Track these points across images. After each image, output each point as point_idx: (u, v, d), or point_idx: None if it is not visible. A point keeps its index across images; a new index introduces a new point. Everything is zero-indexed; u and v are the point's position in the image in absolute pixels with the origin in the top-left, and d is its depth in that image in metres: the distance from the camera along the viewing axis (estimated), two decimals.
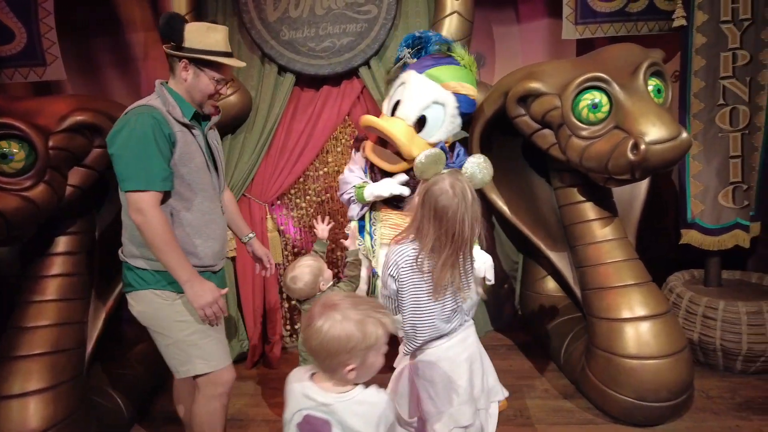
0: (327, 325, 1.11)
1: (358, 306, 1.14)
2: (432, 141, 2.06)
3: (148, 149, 1.57)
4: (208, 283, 1.67)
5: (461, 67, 2.11)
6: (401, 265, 1.47)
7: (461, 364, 1.55)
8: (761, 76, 2.51)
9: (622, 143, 1.94)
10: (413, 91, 2.07)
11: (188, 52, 1.66)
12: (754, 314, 2.37)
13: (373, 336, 1.12)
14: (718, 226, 2.60)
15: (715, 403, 2.30)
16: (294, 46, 2.74)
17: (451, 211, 1.37)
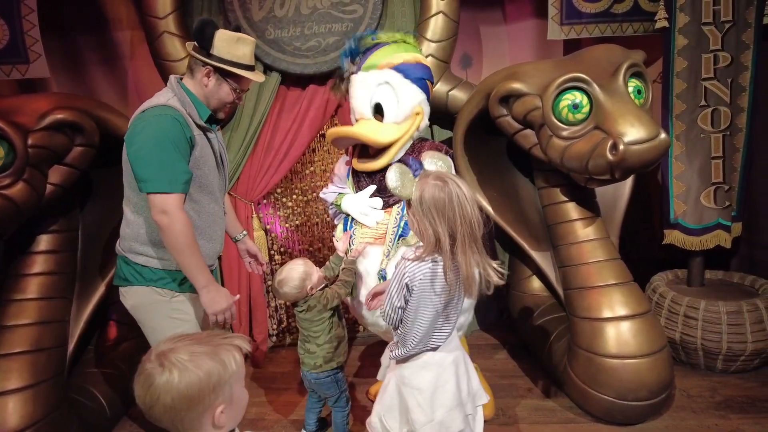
0: (176, 373, 0.90)
1: (199, 339, 0.96)
2: (398, 120, 2.09)
3: (172, 152, 1.57)
4: (223, 289, 1.70)
5: (390, 45, 2.13)
6: (418, 277, 1.41)
7: (447, 368, 1.52)
8: (742, 77, 2.53)
9: (601, 144, 1.95)
10: (357, 89, 2.15)
11: (216, 60, 1.68)
12: (734, 314, 2.39)
13: (233, 363, 0.94)
14: (700, 227, 2.62)
15: (695, 402, 2.32)
16: (279, 45, 2.74)
17: (448, 198, 1.34)
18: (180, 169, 1.60)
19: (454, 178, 1.40)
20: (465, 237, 1.35)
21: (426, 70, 2.16)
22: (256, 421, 2.44)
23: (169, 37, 2.66)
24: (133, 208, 1.72)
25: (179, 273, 1.73)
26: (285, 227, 3.12)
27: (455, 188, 1.36)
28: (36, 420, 1.94)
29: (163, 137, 1.57)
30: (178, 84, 1.72)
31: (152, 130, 1.58)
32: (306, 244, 3.14)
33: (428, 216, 1.36)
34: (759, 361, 2.46)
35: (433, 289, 1.42)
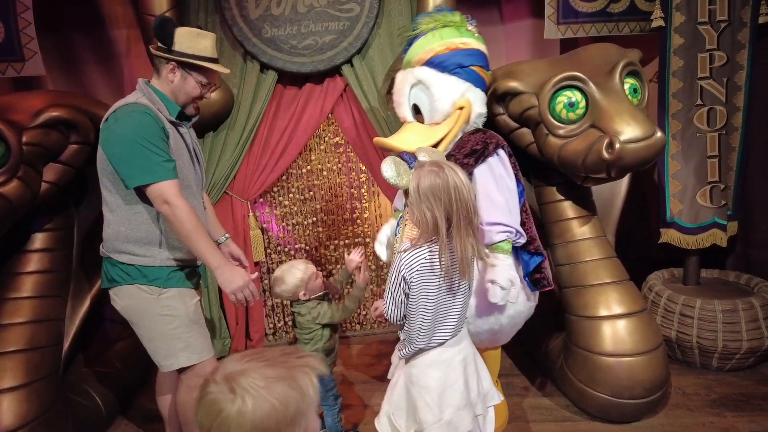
0: (249, 402, 0.77)
1: (272, 359, 0.83)
2: (437, 119, 1.93)
3: (152, 142, 1.61)
4: (237, 268, 1.72)
5: (426, 36, 1.95)
6: (415, 268, 1.42)
7: (456, 368, 1.51)
8: (738, 77, 2.54)
9: (597, 142, 1.95)
10: (395, 92, 2.06)
11: (177, 55, 1.71)
12: (730, 312, 2.40)
13: (311, 389, 0.82)
14: (696, 225, 2.63)
15: (690, 400, 2.32)
16: (276, 43, 2.73)
17: (444, 183, 1.37)
18: (164, 156, 1.63)
19: (451, 165, 1.41)
20: (460, 220, 1.38)
21: (467, 55, 1.92)
22: None
23: None
24: (109, 208, 1.73)
25: (164, 269, 1.74)
26: (281, 226, 3.12)
27: (451, 173, 1.38)
28: (31, 419, 1.93)
29: (141, 130, 1.60)
30: (146, 85, 1.76)
31: (128, 126, 1.61)
32: (302, 244, 3.14)
33: (426, 201, 1.38)
34: (754, 359, 2.47)
35: (432, 273, 1.42)
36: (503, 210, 1.78)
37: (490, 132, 1.95)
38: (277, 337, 3.20)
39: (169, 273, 1.75)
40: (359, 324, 3.26)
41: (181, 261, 1.78)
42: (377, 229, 3.17)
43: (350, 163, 3.08)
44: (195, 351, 1.80)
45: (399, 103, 2.04)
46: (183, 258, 1.78)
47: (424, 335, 1.48)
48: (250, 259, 2.93)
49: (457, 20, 1.96)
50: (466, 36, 1.96)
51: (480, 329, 1.84)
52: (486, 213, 1.76)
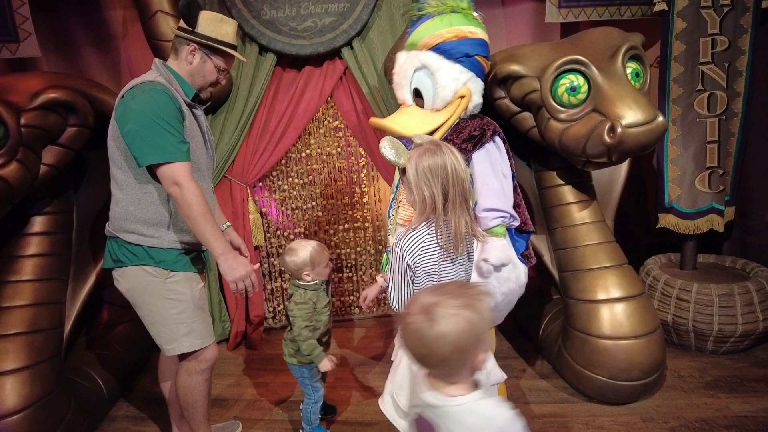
0: (446, 325, 0.97)
1: (452, 292, 1.04)
2: (438, 106, 1.91)
3: (168, 122, 1.60)
4: (240, 257, 1.70)
5: (434, 19, 1.89)
6: (417, 252, 1.43)
7: None
8: (739, 62, 2.53)
9: (599, 126, 1.95)
10: (396, 71, 2.02)
11: (200, 37, 1.72)
12: (725, 296, 2.43)
13: (485, 311, 1.02)
14: (694, 211, 2.65)
15: (685, 382, 2.36)
16: (275, 25, 2.70)
17: (441, 161, 1.39)
18: (178, 138, 1.62)
19: (447, 144, 1.44)
20: (456, 197, 1.41)
21: (474, 45, 1.90)
22: (253, 402, 2.47)
23: (163, 16, 2.61)
24: (120, 186, 1.71)
25: (172, 251, 1.74)
26: (281, 210, 3.12)
27: (448, 152, 1.42)
28: (34, 401, 1.95)
29: (158, 109, 1.59)
30: (163, 65, 1.75)
31: (145, 104, 1.60)
32: (302, 228, 3.14)
33: (423, 179, 1.40)
34: (748, 342, 2.51)
35: (433, 252, 1.44)
36: (499, 195, 1.83)
37: (486, 118, 1.97)
38: (277, 320, 3.22)
39: (176, 256, 1.75)
40: (358, 308, 3.28)
41: (189, 244, 1.78)
42: (377, 214, 3.18)
43: (350, 147, 3.07)
44: (198, 336, 1.80)
45: (400, 85, 2.01)
46: (190, 241, 1.77)
47: None
48: (249, 244, 2.93)
49: (464, 6, 1.93)
50: (473, 24, 1.93)
51: None
52: (483, 199, 1.81)
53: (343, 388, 2.50)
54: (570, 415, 2.18)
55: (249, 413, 2.38)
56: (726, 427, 2.03)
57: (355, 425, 2.23)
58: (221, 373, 2.75)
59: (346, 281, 3.24)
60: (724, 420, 2.08)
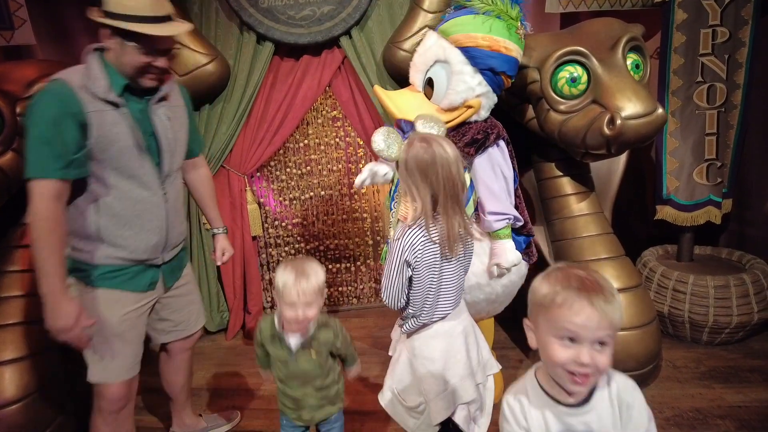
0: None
1: None
2: (443, 106, 1.85)
3: (47, 132, 1.36)
4: (69, 306, 1.43)
5: (478, 17, 1.77)
6: (417, 247, 1.40)
7: (458, 338, 1.53)
8: (739, 53, 2.52)
9: (598, 118, 1.95)
10: (420, 53, 1.91)
11: (108, 17, 1.40)
12: (721, 288, 2.45)
13: None
14: (692, 203, 2.65)
15: (680, 373, 2.38)
16: (273, 14, 2.67)
17: (431, 159, 1.35)
18: (56, 152, 1.37)
19: (440, 139, 1.40)
20: (447, 197, 1.38)
21: (503, 62, 1.80)
22: (253, 391, 2.48)
23: None
24: None
25: (101, 267, 1.56)
26: (279, 201, 3.11)
27: (439, 149, 1.37)
28: (32, 391, 1.95)
29: (35, 116, 1.38)
30: (94, 54, 1.49)
31: (32, 110, 1.40)
32: (300, 218, 3.14)
33: (413, 177, 1.38)
34: (743, 334, 2.53)
35: (432, 249, 1.43)
36: (502, 199, 1.87)
37: (491, 120, 1.95)
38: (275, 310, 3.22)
39: (104, 272, 1.55)
40: (356, 298, 3.29)
41: (128, 260, 1.57)
42: (375, 205, 3.18)
43: (348, 137, 3.06)
44: (100, 370, 1.60)
45: (417, 68, 1.92)
46: (127, 257, 1.57)
47: (429, 310, 1.49)
48: (247, 234, 2.93)
49: (513, 16, 1.81)
50: (512, 39, 1.82)
51: (477, 298, 1.96)
52: (487, 203, 1.86)
53: None
54: None
55: (249, 403, 2.39)
56: (720, 417, 2.06)
57: (354, 415, 2.25)
58: (220, 363, 2.76)
59: (344, 272, 3.25)
60: (718, 410, 2.10)
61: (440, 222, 1.40)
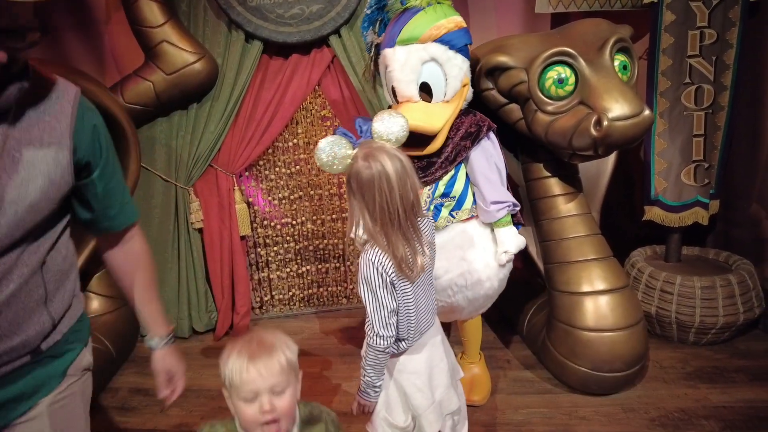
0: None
1: None
2: (448, 97, 1.93)
3: None
4: None
5: (426, 11, 1.87)
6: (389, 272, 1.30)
7: (438, 347, 1.52)
8: (727, 55, 2.54)
9: (585, 119, 1.95)
10: (398, 70, 1.91)
11: None
12: (708, 289, 2.46)
13: None
14: (680, 204, 2.67)
15: (666, 373, 2.39)
16: (262, 12, 2.65)
17: (375, 179, 1.25)
18: None
19: (385, 153, 1.28)
20: (386, 219, 1.28)
21: (467, 34, 1.96)
22: None
23: (146, 1, 2.56)
24: None
25: None
26: (267, 200, 3.09)
27: (379, 167, 1.25)
28: None
29: None
30: None
31: None
32: (289, 218, 3.12)
33: (351, 193, 1.31)
34: (729, 334, 2.55)
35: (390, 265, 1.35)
36: (499, 187, 1.98)
37: (479, 114, 2.04)
38: (264, 310, 3.22)
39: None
40: (346, 298, 3.28)
41: None
42: None
43: None
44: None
45: (405, 81, 1.91)
46: None
47: (415, 330, 1.44)
48: (235, 233, 2.91)
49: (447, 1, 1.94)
50: (456, 13, 1.96)
51: (478, 295, 2.02)
52: (487, 193, 1.95)
53: (330, 378, 2.51)
54: (553, 405, 2.21)
55: None
56: (704, 417, 2.07)
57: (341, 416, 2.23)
58: (207, 363, 2.75)
59: (333, 271, 3.24)
60: (702, 410, 2.11)
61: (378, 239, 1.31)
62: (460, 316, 2.19)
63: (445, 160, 1.94)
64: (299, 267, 3.18)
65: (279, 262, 3.15)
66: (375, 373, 1.41)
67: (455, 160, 1.95)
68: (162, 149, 2.82)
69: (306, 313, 3.23)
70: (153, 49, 2.63)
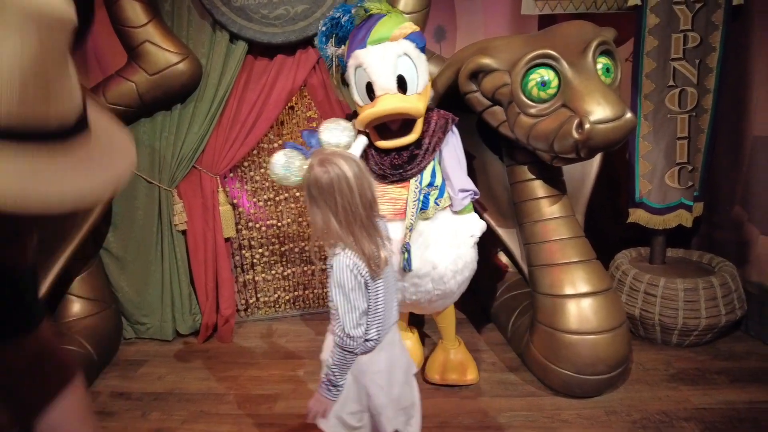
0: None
1: None
2: (420, 90, 2.05)
3: None
4: None
5: (390, 16, 2.05)
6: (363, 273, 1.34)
7: (397, 344, 1.53)
8: (710, 58, 2.55)
9: (567, 122, 1.94)
10: (375, 64, 1.98)
11: None
12: (691, 291, 2.47)
13: None
14: (664, 206, 2.68)
15: (649, 375, 2.40)
16: (246, 12, 2.63)
17: (335, 183, 1.29)
18: None
19: (340, 158, 1.33)
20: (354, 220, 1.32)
21: (425, 39, 2.14)
22: (222, 396, 2.45)
23: (128, 1, 2.53)
24: None
25: None
26: (252, 202, 3.07)
27: (337, 171, 1.30)
28: None
29: None
30: None
31: None
32: (274, 220, 3.10)
33: (312, 198, 1.32)
34: (711, 336, 2.56)
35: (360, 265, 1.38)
36: (464, 177, 2.16)
37: (440, 110, 2.19)
38: (249, 313, 3.19)
39: None
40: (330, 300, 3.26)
41: None
42: None
43: None
44: None
45: (386, 74, 1.99)
46: None
47: (383, 327, 1.46)
48: (219, 235, 2.89)
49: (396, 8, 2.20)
50: (409, 21, 2.13)
51: (464, 278, 2.15)
52: (456, 182, 2.12)
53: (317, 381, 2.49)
54: (536, 408, 2.21)
55: (216, 408, 2.35)
56: (685, 419, 2.08)
57: None
58: (190, 366, 2.72)
59: (319, 273, 3.22)
60: (684, 412, 2.12)
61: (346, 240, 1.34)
62: (450, 301, 2.29)
63: (426, 150, 2.10)
64: (284, 269, 3.17)
65: (264, 264, 3.13)
66: (341, 372, 1.43)
67: (435, 150, 2.11)
68: (145, 150, 2.79)
69: (292, 316, 3.22)
70: (136, 49, 2.60)
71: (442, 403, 2.27)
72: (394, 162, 2.09)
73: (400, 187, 2.10)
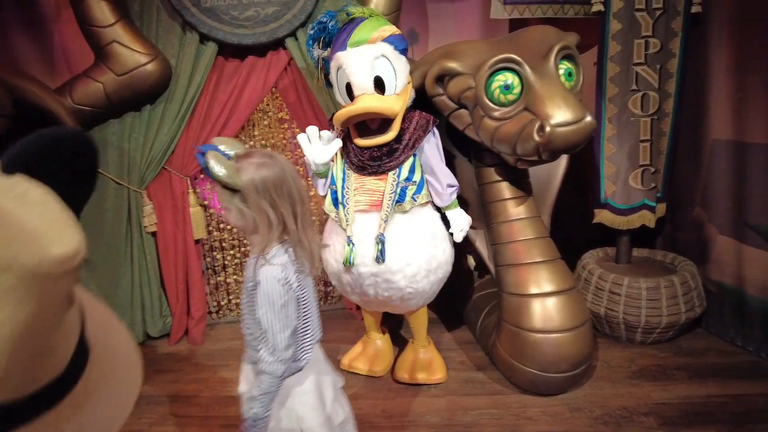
0: None
1: None
2: (399, 90, 2.13)
3: None
4: None
5: (371, 19, 2.12)
6: (290, 269, 1.27)
7: (321, 361, 1.49)
8: (670, 64, 2.62)
9: (529, 125, 1.99)
10: (353, 65, 2.07)
11: None
12: (653, 290, 2.54)
13: None
14: (628, 207, 2.74)
15: (613, 372, 2.46)
16: (216, 14, 2.63)
17: (281, 173, 1.25)
18: None
19: (272, 155, 1.30)
20: (304, 210, 1.30)
21: (405, 40, 2.21)
22: (191, 398, 2.43)
23: (95, 0, 2.50)
24: None
25: None
26: None
27: (283, 162, 1.27)
28: None
29: None
30: None
31: None
32: None
33: (267, 198, 1.23)
34: (673, 333, 2.63)
35: (301, 272, 1.33)
36: (449, 173, 2.24)
37: (420, 111, 2.24)
38: (221, 314, 3.18)
39: None
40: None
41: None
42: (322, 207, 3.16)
43: (295, 139, 3.03)
44: None
45: (361, 75, 2.08)
46: None
47: (311, 339, 1.41)
48: (189, 237, 2.87)
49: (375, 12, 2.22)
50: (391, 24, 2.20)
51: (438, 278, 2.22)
52: (443, 178, 2.21)
53: None
54: (502, 406, 2.25)
55: (185, 410, 2.34)
56: (645, 414, 2.14)
57: None
58: (160, 369, 2.70)
59: None
60: (644, 407, 2.18)
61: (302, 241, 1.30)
62: (423, 302, 2.31)
63: (406, 146, 2.17)
64: None
65: (236, 266, 3.12)
66: (269, 402, 1.31)
67: (414, 146, 2.17)
68: (114, 151, 2.76)
69: None
70: (103, 49, 2.57)
71: (410, 402, 2.30)
72: (373, 155, 2.16)
73: (378, 179, 2.17)
